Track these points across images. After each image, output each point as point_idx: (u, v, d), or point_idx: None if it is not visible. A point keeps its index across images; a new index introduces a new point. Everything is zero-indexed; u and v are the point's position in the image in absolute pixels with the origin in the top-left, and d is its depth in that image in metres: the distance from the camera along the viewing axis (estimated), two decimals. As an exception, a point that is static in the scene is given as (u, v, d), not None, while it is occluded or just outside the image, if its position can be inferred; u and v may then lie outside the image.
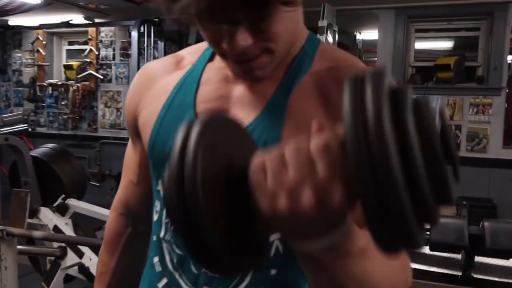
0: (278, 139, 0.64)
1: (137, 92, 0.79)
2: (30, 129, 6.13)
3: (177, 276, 0.73)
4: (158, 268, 0.77)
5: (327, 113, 0.65)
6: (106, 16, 5.34)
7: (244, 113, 0.67)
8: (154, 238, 0.76)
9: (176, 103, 0.72)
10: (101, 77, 5.84)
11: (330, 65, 0.69)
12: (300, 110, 0.66)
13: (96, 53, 5.85)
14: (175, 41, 5.26)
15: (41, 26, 5.49)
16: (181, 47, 4.46)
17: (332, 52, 0.75)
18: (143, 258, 0.83)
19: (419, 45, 4.90)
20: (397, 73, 4.59)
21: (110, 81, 5.86)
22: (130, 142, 0.85)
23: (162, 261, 0.75)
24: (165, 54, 5.18)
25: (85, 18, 5.41)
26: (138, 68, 4.73)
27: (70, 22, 5.36)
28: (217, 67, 0.73)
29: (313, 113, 0.65)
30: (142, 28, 4.80)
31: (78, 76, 5.84)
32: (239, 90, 0.70)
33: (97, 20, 5.49)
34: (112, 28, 5.73)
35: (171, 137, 0.70)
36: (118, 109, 5.79)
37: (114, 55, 5.82)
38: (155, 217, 0.76)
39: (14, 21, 5.62)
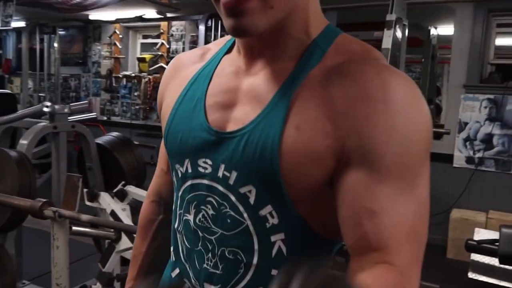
0: (278, 140, 0.61)
1: (165, 81, 0.81)
2: (106, 118, 6.56)
3: (188, 268, 0.74)
4: (172, 257, 0.80)
5: (328, 111, 0.60)
6: (177, 10, 5.49)
7: (249, 108, 0.66)
8: (172, 228, 0.78)
9: (189, 95, 0.73)
10: (172, 70, 6.05)
11: (342, 60, 0.63)
12: (302, 108, 0.61)
13: (167, 46, 6.06)
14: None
15: (118, 21, 5.79)
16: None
17: (349, 44, 0.67)
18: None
19: (500, 41, 4.53)
20: (473, 71, 4.29)
21: (180, 74, 6.05)
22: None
23: (176, 251, 0.77)
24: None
25: (158, 13, 5.61)
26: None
27: (143, 16, 5.59)
28: (232, 59, 0.72)
29: (315, 112, 0.61)
30: (209, 22, 4.88)
31: (150, 69, 6.10)
32: (248, 82, 0.68)
33: (168, 15, 5.67)
34: (183, 22, 5.90)
35: (182, 128, 0.70)
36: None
37: (183, 48, 6.00)
38: (173, 207, 0.78)
39: (94, 15, 5.97)
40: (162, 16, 5.73)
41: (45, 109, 2.80)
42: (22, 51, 6.93)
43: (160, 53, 6.12)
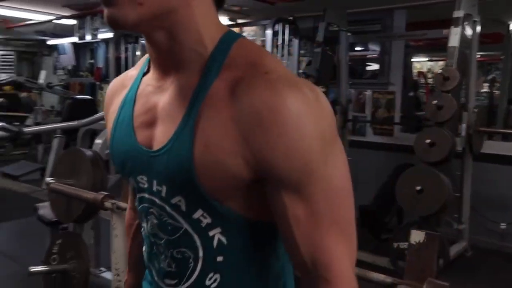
0: (191, 157, 0.66)
1: (106, 108, 0.89)
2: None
3: (151, 268, 0.84)
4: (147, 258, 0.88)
5: (232, 133, 0.65)
6: (248, 16, 5.69)
7: (166, 127, 0.71)
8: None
9: (120, 120, 0.80)
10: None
11: (235, 76, 0.66)
12: (207, 127, 0.66)
13: (239, 51, 6.29)
14: (310, 38, 5.35)
15: (192, 28, 6.12)
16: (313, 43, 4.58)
17: (245, 52, 0.69)
18: None
19: None
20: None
21: (249, 77, 6.25)
22: None
23: (145, 252, 0.86)
24: (300, 50, 5.32)
25: (230, 20, 5.85)
26: (272, 65, 4.97)
27: (215, 24, 5.86)
28: (149, 78, 0.78)
29: (220, 132, 0.65)
30: (276, 27, 4.99)
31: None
32: (162, 99, 0.73)
33: (240, 21, 5.89)
34: (253, 27, 6.09)
35: (120, 151, 0.79)
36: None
37: (254, 53, 6.18)
38: None
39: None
40: (234, 23, 5.96)
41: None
42: (109, 60, 7.57)
43: (232, 58, 6.37)
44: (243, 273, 0.76)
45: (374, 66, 5.30)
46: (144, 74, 0.80)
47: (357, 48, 5.80)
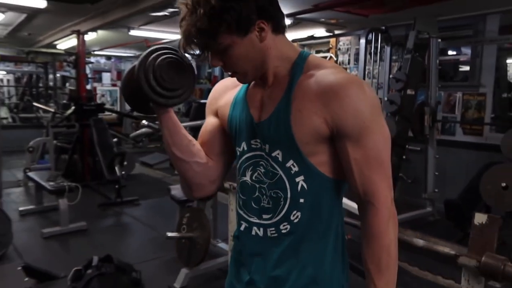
0: (289, 119, 0.92)
1: (218, 94, 1.14)
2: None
3: (244, 213, 1.04)
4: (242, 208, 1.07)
5: (316, 103, 0.90)
6: (343, 28, 5.75)
7: (270, 106, 0.97)
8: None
9: (237, 101, 1.06)
10: (338, 79, 6.33)
11: (314, 71, 0.93)
12: (299, 101, 0.92)
13: (335, 59, 6.37)
14: (402, 45, 5.27)
15: (295, 40, 6.33)
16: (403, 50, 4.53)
17: (316, 61, 0.97)
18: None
19: None
20: None
21: (345, 82, 6.30)
22: (207, 120, 1.14)
23: (244, 200, 1.04)
24: (391, 57, 5.26)
25: (327, 31, 5.96)
26: (364, 70, 4.99)
27: (314, 35, 6.00)
28: (253, 86, 1.05)
29: (308, 103, 0.91)
30: (370, 36, 5.01)
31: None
32: (266, 93, 1.00)
33: (336, 32, 5.97)
34: (349, 37, 6.13)
35: (237, 121, 1.05)
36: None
37: (349, 60, 6.23)
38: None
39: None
40: (331, 34, 6.06)
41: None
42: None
43: (329, 65, 6.47)
44: (315, 213, 0.97)
45: (465, 69, 5.04)
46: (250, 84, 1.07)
47: (450, 52, 5.56)
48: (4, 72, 9.75)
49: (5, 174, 6.44)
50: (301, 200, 0.96)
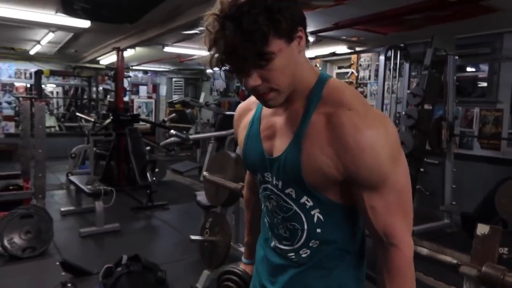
0: (299, 163, 0.85)
1: (236, 123, 1.10)
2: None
3: (270, 234, 1.03)
4: (262, 228, 1.08)
5: (327, 151, 0.82)
6: (364, 45, 5.72)
7: (281, 141, 0.90)
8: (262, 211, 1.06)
9: (251, 134, 1.00)
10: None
11: (331, 111, 0.82)
12: (311, 144, 0.84)
13: (356, 74, 6.34)
14: (420, 62, 5.19)
15: (316, 57, 6.35)
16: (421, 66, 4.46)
17: (333, 95, 0.85)
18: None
19: None
20: None
21: (365, 96, 6.25)
22: None
23: (264, 225, 1.06)
24: (410, 73, 5.20)
25: (348, 48, 5.94)
26: (384, 86, 4.95)
27: (335, 52, 6.00)
28: None
29: (319, 150, 0.83)
30: (389, 53, 4.97)
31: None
32: (278, 121, 0.92)
33: (357, 49, 5.94)
34: (370, 54, 6.10)
35: (251, 154, 1.01)
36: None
37: (370, 76, 6.18)
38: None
39: (300, 54, 6.67)
40: (352, 50, 6.04)
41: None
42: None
43: (350, 80, 6.44)
44: (334, 238, 0.92)
45: (483, 85, 4.91)
46: None
47: (468, 69, 5.43)
48: (54, 85, 10.21)
49: (50, 178, 6.73)
50: (318, 230, 0.91)
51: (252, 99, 1.04)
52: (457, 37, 4.38)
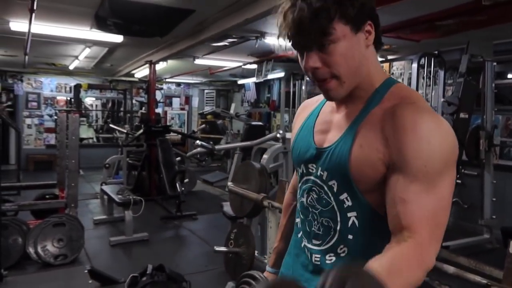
0: (348, 153, 0.83)
1: (299, 114, 1.08)
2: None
3: (303, 231, 0.97)
4: (296, 225, 1.03)
5: (381, 138, 0.79)
6: (396, 53, 5.57)
7: (335, 133, 0.89)
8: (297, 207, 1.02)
9: (305, 126, 0.99)
10: (391, 103, 6.12)
11: (394, 103, 0.81)
12: (365, 134, 0.82)
13: (388, 83, 6.17)
14: (456, 69, 4.99)
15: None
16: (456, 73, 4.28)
17: (400, 91, 0.84)
18: None
19: None
20: None
21: (398, 106, 6.07)
22: None
23: (297, 221, 1.01)
24: (445, 81, 4.99)
25: (380, 56, 5.81)
26: (417, 94, 4.77)
27: (366, 61, 5.87)
28: (329, 104, 0.97)
29: (373, 138, 0.81)
30: (422, 61, 4.81)
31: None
32: (336, 117, 0.92)
33: (389, 57, 5.80)
34: (402, 62, 5.93)
35: (300, 146, 0.99)
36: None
37: (402, 84, 6.00)
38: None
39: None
40: (384, 59, 5.90)
41: (278, 135, 3.41)
42: (281, 94, 8.17)
43: (382, 89, 6.28)
44: (364, 252, 0.82)
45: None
46: (326, 101, 0.99)
47: (510, 76, 5.15)
48: (93, 98, 10.65)
49: (85, 187, 6.97)
50: (350, 237, 0.87)
51: (316, 98, 1.04)
52: (495, 43, 4.18)
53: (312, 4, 0.76)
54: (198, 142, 4.86)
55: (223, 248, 3.02)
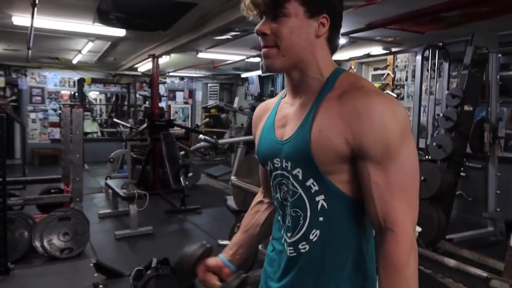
0: (308, 138, 0.86)
1: (255, 120, 1.10)
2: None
3: (281, 225, 0.99)
4: (279, 223, 1.04)
5: (338, 122, 0.84)
6: (400, 45, 5.54)
7: (293, 125, 0.93)
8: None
9: (266, 126, 1.02)
10: (395, 95, 6.09)
11: (343, 89, 0.87)
12: (321, 119, 0.86)
13: (392, 76, 6.14)
14: (461, 61, 4.95)
15: (350, 59, 6.23)
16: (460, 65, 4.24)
17: (348, 78, 0.90)
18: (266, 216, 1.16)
19: None
20: None
21: (402, 98, 6.04)
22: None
23: (280, 216, 1.02)
24: (450, 73, 4.96)
25: (384, 49, 5.78)
26: (421, 87, 4.75)
27: (370, 53, 5.84)
28: (285, 100, 1.01)
29: (330, 122, 0.85)
30: (426, 53, 4.77)
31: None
32: (292, 110, 0.95)
33: (393, 49, 5.76)
34: (406, 54, 5.89)
35: (264, 144, 1.01)
36: (407, 122, 5.89)
37: (406, 77, 5.97)
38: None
39: (334, 56, 6.55)
40: (388, 51, 5.86)
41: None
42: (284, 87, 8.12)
43: (386, 82, 6.25)
44: (335, 231, 0.89)
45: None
46: (282, 99, 1.03)
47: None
48: (97, 93, 10.68)
49: (90, 181, 7.02)
50: (321, 219, 0.90)
51: (272, 100, 1.08)
52: (500, 34, 4.14)
53: None
54: (201, 136, 4.88)
55: (227, 242, 3.04)
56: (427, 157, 4.06)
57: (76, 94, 9.61)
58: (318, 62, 0.90)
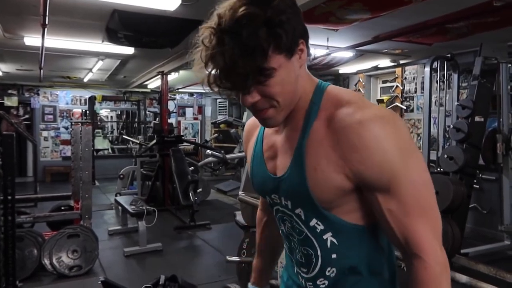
0: (305, 179, 0.79)
1: (246, 138, 1.05)
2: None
3: (291, 259, 0.95)
4: (286, 251, 1.00)
5: (333, 157, 0.76)
6: (408, 57, 5.52)
7: (283, 159, 0.85)
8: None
9: (256, 155, 0.96)
10: (405, 107, 6.05)
11: (330, 112, 0.78)
12: (314, 155, 0.78)
13: (401, 88, 6.11)
14: (470, 72, 4.90)
15: (358, 72, 6.22)
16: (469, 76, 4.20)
17: (333, 96, 0.81)
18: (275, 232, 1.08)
19: None
20: None
21: (412, 110, 6.00)
22: None
23: (287, 247, 0.98)
24: (459, 84, 4.91)
25: (391, 61, 5.76)
26: (430, 98, 4.70)
27: (378, 66, 5.83)
28: None
29: (324, 157, 0.77)
30: (435, 64, 4.74)
31: (387, 108, 6.24)
32: (279, 139, 0.88)
33: (401, 62, 5.75)
34: (415, 66, 5.87)
35: (257, 176, 0.96)
36: (418, 135, 5.84)
37: (416, 88, 5.93)
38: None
39: (342, 69, 6.59)
40: (396, 64, 5.85)
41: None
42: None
43: (395, 94, 6.22)
44: (353, 264, 0.83)
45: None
46: None
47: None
48: (109, 110, 10.83)
49: (101, 198, 7.06)
50: (333, 256, 0.84)
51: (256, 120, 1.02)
52: (509, 44, 4.10)
53: (243, 41, 0.69)
54: (208, 151, 4.88)
55: (235, 258, 3.00)
56: (438, 169, 4.00)
57: (87, 111, 9.76)
58: (304, 86, 0.82)
